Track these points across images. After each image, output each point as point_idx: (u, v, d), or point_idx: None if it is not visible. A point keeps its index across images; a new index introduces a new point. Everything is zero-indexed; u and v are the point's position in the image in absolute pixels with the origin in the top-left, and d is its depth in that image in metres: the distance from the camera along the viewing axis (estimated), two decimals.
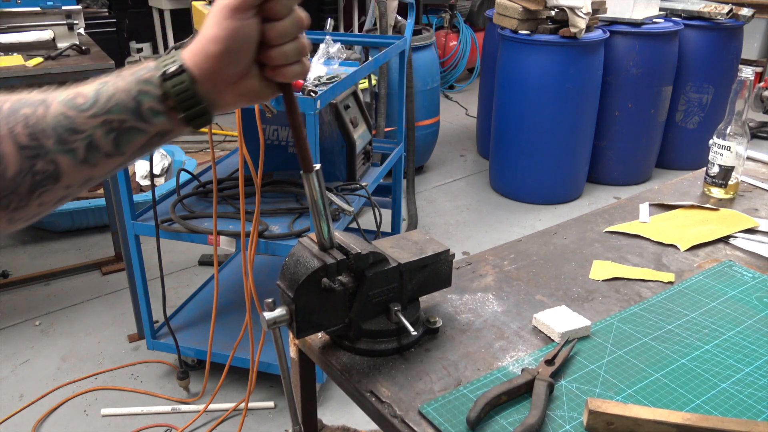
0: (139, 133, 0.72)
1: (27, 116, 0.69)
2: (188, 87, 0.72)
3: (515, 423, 0.89)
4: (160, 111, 0.72)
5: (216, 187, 2.19)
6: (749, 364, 1.03)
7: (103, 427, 2.39)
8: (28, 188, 0.69)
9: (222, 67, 0.73)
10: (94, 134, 0.70)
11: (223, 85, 0.75)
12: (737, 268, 1.32)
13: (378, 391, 0.95)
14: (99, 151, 0.71)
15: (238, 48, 0.72)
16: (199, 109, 0.73)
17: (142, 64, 0.73)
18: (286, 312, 0.94)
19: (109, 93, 0.71)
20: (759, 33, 6.09)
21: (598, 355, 1.05)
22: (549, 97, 3.94)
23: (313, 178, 0.89)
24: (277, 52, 0.75)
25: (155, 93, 0.72)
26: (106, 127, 0.71)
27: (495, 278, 1.27)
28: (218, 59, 0.72)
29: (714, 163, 1.62)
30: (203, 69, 0.73)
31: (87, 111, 0.70)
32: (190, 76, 0.72)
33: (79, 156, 0.70)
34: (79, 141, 0.70)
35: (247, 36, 0.72)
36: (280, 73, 0.76)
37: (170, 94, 0.72)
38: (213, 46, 0.72)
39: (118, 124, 0.71)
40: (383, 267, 0.98)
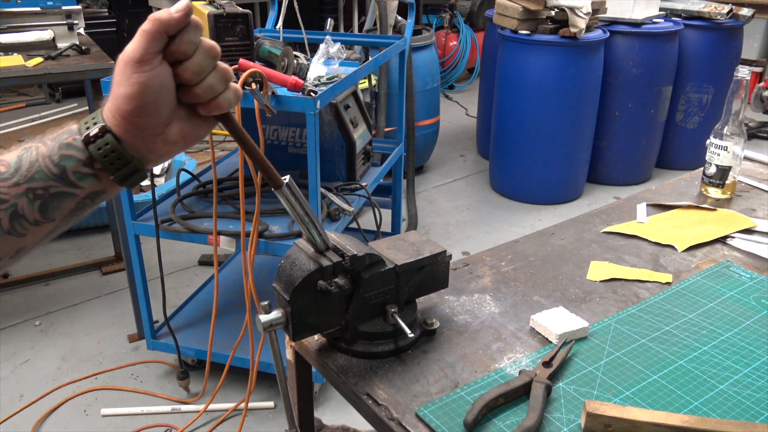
0: (68, 197, 0.70)
1: None
2: (114, 148, 0.69)
3: (513, 425, 0.89)
4: (87, 174, 0.70)
5: (216, 187, 2.19)
6: (747, 365, 1.03)
7: (103, 427, 2.40)
8: None
9: (142, 122, 0.70)
10: (17, 203, 0.68)
11: (149, 138, 0.72)
12: (735, 268, 1.31)
13: (375, 394, 0.95)
14: (25, 220, 0.69)
15: (153, 100, 0.69)
16: (130, 167, 0.71)
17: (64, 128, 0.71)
18: (282, 315, 0.94)
19: (31, 160, 0.69)
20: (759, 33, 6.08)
21: (595, 356, 1.05)
22: (549, 97, 3.94)
23: (285, 193, 0.87)
24: (202, 89, 0.71)
25: (79, 157, 0.69)
26: (30, 195, 0.68)
27: (492, 279, 1.27)
28: (135, 116, 0.69)
29: (711, 163, 1.62)
30: (124, 128, 0.70)
31: (8, 180, 0.68)
32: (114, 136, 0.69)
33: (3, 227, 0.68)
34: (2, 212, 0.68)
35: (160, 85, 0.69)
36: (214, 106, 0.73)
37: (96, 158, 0.69)
38: (126, 104, 0.68)
39: (43, 191, 0.69)
40: (380, 269, 0.98)
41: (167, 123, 0.72)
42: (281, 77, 1.99)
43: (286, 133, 2.57)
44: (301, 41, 2.77)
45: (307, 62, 2.22)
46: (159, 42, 0.67)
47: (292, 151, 2.57)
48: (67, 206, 0.71)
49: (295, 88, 1.98)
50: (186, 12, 0.67)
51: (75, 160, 0.69)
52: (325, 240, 0.94)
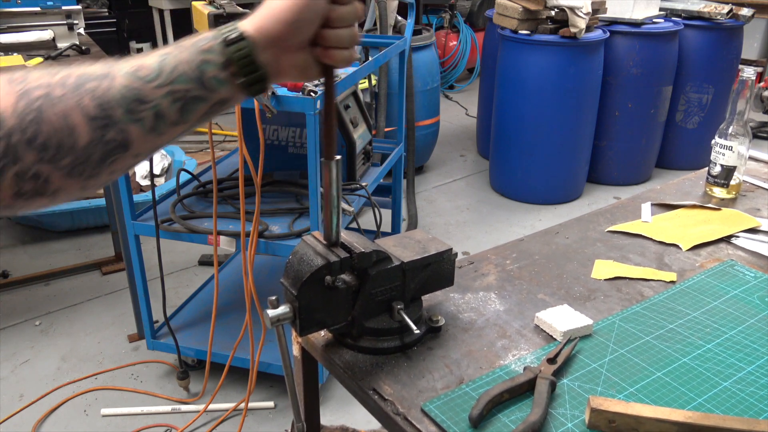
0: (202, 101, 0.76)
1: (93, 89, 0.71)
2: (249, 52, 0.76)
3: (517, 421, 0.89)
4: (222, 79, 0.76)
5: (216, 187, 2.19)
6: (751, 362, 1.03)
7: (103, 427, 2.39)
8: (99, 157, 0.72)
9: (287, 34, 0.78)
10: (160, 104, 0.74)
11: (281, 53, 0.79)
12: (739, 267, 1.32)
13: (381, 389, 0.95)
14: (166, 120, 0.74)
15: (307, 19, 0.78)
16: (259, 74, 0.77)
17: (200, 35, 0.77)
18: (290, 309, 0.94)
19: (172, 64, 0.74)
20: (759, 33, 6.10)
21: (600, 353, 1.05)
22: (549, 97, 3.94)
23: (332, 166, 0.90)
24: (333, 34, 0.80)
25: (218, 61, 0.75)
26: (172, 97, 0.74)
27: (497, 277, 1.27)
28: (287, 26, 0.77)
29: (716, 163, 1.62)
30: (268, 34, 0.77)
31: (152, 82, 0.73)
32: (251, 41, 0.76)
33: (147, 125, 0.74)
34: (146, 111, 0.73)
35: (316, 10, 0.78)
36: (330, 55, 0.81)
37: (233, 60, 0.75)
38: (285, 12, 0.77)
39: (183, 93, 0.74)
40: (386, 265, 0.98)
41: (300, 47, 0.80)
42: None
43: (286, 133, 2.57)
44: None
45: None
46: None
47: (292, 151, 2.57)
48: (201, 110, 0.77)
49: (295, 88, 1.98)
50: None
51: (213, 64, 0.75)
52: (338, 233, 0.94)
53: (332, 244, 0.95)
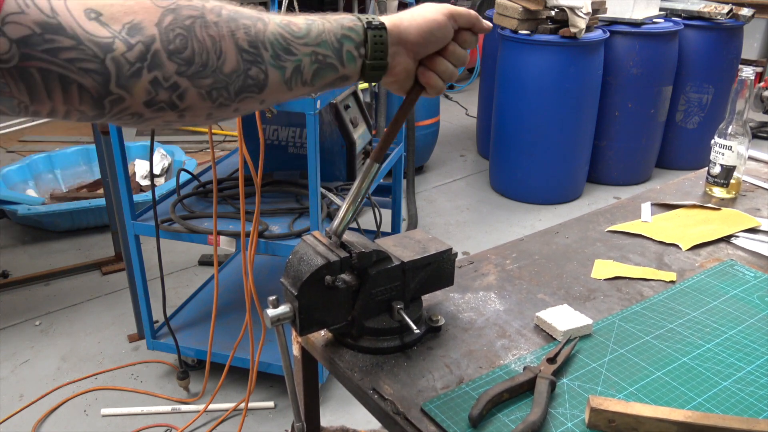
0: (333, 71, 0.84)
1: (247, 26, 0.76)
2: (384, 41, 0.86)
3: (517, 420, 0.89)
4: (354, 56, 0.85)
5: (216, 187, 2.19)
6: (750, 362, 1.03)
7: (103, 427, 2.39)
8: (237, 89, 0.76)
9: (417, 42, 0.89)
10: (302, 60, 0.80)
11: (402, 55, 0.89)
12: (739, 267, 1.32)
13: (381, 389, 0.95)
14: (300, 77, 0.81)
15: (439, 38, 0.90)
16: (383, 63, 0.87)
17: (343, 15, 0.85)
18: (290, 309, 0.94)
19: (318, 30, 0.82)
20: (759, 33, 6.09)
21: (599, 353, 1.05)
22: (549, 97, 3.94)
23: (375, 169, 0.95)
24: (441, 62, 0.92)
25: (357, 39, 0.84)
26: (313, 58, 0.81)
27: (497, 277, 1.27)
28: (421, 35, 0.89)
29: (716, 162, 1.63)
30: (402, 31, 0.88)
31: (301, 39, 0.80)
32: (388, 34, 0.86)
33: (286, 74, 0.79)
34: (290, 62, 0.79)
35: (446, 36, 0.91)
36: (429, 78, 0.92)
37: (369, 41, 0.85)
38: (426, 22, 0.89)
39: (323, 58, 0.82)
40: (386, 265, 0.98)
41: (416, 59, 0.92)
42: None
43: (286, 133, 2.57)
44: None
45: None
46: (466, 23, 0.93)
47: (292, 151, 2.57)
48: (329, 79, 0.84)
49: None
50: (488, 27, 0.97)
51: (352, 40, 0.84)
52: (344, 230, 0.95)
53: (337, 236, 0.96)
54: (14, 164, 4.03)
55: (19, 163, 4.05)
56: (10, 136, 5.16)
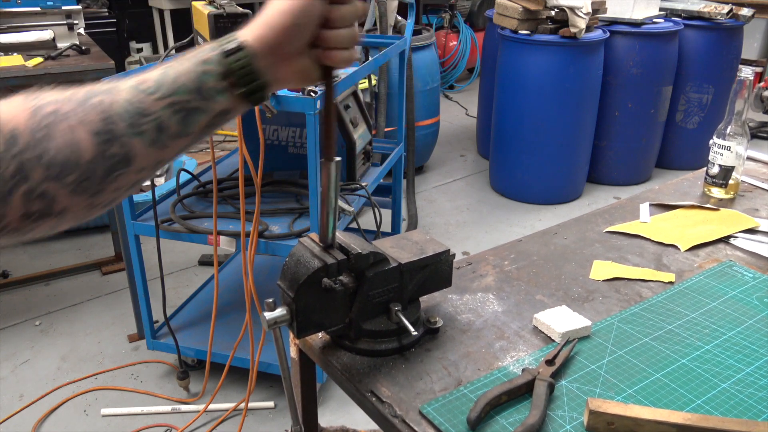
0: (203, 112, 0.76)
1: (98, 104, 0.71)
2: (249, 62, 0.75)
3: (516, 423, 0.89)
4: (221, 89, 0.76)
5: (216, 187, 2.19)
6: (750, 364, 1.03)
7: (103, 427, 2.39)
8: (103, 173, 0.71)
9: (285, 40, 0.77)
10: (162, 116, 0.73)
11: (280, 60, 0.78)
12: (738, 268, 1.32)
13: (378, 391, 0.95)
14: (167, 132, 0.74)
15: (304, 23, 0.77)
16: (258, 83, 0.77)
17: (201, 47, 0.77)
18: (287, 312, 0.94)
19: (173, 76, 0.74)
20: (759, 33, 6.09)
21: (598, 355, 1.05)
22: (549, 97, 3.94)
23: (332, 167, 0.89)
24: (333, 35, 0.79)
25: (217, 71, 0.75)
26: (173, 109, 0.74)
27: (495, 278, 1.27)
28: (284, 32, 0.76)
29: (714, 163, 1.62)
30: (265, 42, 0.77)
31: (154, 94, 0.73)
32: (250, 51, 0.76)
33: (149, 138, 0.73)
34: (148, 123, 0.73)
35: (313, 12, 0.77)
36: (331, 56, 0.80)
37: (231, 70, 0.75)
38: (281, 17, 0.76)
39: (184, 104, 0.74)
40: (384, 267, 0.98)
41: (299, 52, 0.79)
42: None
43: (286, 133, 2.57)
44: None
45: None
46: None
47: (292, 151, 2.57)
48: (203, 121, 0.76)
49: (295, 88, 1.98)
50: None
51: (212, 74, 0.75)
52: (334, 235, 0.94)
53: (328, 246, 0.95)
54: None
55: None
56: None
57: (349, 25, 0.80)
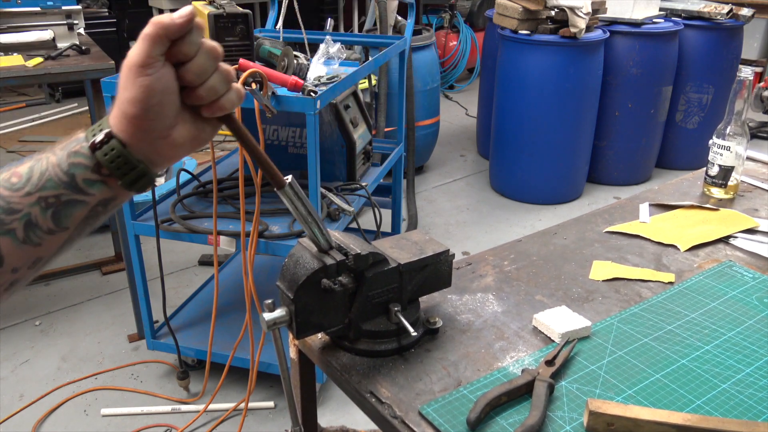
0: (79, 204, 0.71)
1: None
2: (120, 153, 0.70)
3: (515, 424, 0.89)
4: (95, 180, 0.71)
5: (216, 187, 2.19)
6: (750, 364, 1.03)
7: (103, 427, 2.39)
8: None
9: (147, 126, 0.71)
10: (30, 212, 0.69)
11: (155, 142, 0.72)
12: (737, 268, 1.31)
13: (378, 392, 0.95)
14: (39, 229, 0.70)
15: (158, 103, 0.70)
16: (137, 172, 0.72)
17: (72, 137, 0.72)
18: (286, 313, 0.94)
19: (41, 169, 0.70)
20: (759, 33, 6.08)
21: (598, 355, 1.05)
22: (549, 97, 3.94)
23: (288, 192, 0.87)
24: (204, 90, 0.72)
25: (87, 164, 0.70)
26: (42, 204, 0.69)
27: (495, 278, 1.27)
28: (141, 120, 0.70)
29: (714, 163, 1.62)
30: (129, 133, 0.70)
31: (21, 190, 0.69)
32: (120, 141, 0.70)
33: (19, 236, 0.69)
34: (16, 221, 0.69)
35: (164, 88, 0.70)
36: (217, 107, 0.74)
37: (103, 163, 0.70)
38: (132, 107, 0.69)
39: (54, 199, 0.70)
40: (383, 267, 0.98)
41: (172, 126, 0.73)
42: (281, 77, 1.99)
43: (286, 133, 2.57)
44: (301, 41, 2.77)
45: (307, 62, 2.22)
46: (161, 45, 0.68)
47: (292, 151, 2.57)
48: (79, 214, 0.72)
49: (295, 88, 1.98)
50: (189, 18, 0.69)
51: (83, 167, 0.70)
52: (328, 239, 0.94)
53: (324, 251, 0.95)
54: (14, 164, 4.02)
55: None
56: (10, 136, 5.16)
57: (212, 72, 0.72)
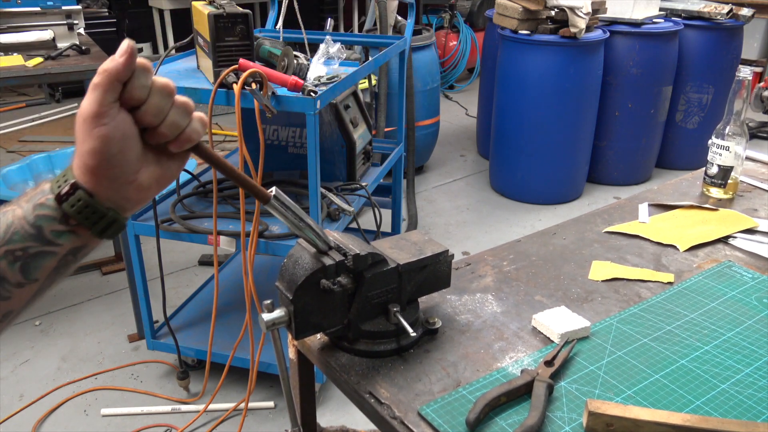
0: (48, 256, 0.70)
1: None
2: (87, 203, 0.69)
3: (515, 424, 0.89)
4: (63, 231, 0.70)
5: (216, 187, 2.18)
6: (749, 364, 1.03)
7: (103, 427, 2.39)
8: None
9: (111, 174, 0.70)
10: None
11: (122, 188, 0.71)
12: (737, 268, 1.31)
13: (377, 393, 0.95)
14: (8, 283, 0.69)
15: (118, 151, 0.69)
16: (106, 220, 0.71)
17: (38, 188, 0.71)
18: (285, 313, 0.94)
19: (8, 222, 0.69)
20: (759, 33, 6.09)
21: (597, 356, 1.05)
22: (549, 97, 3.94)
23: (274, 205, 0.87)
24: (166, 127, 0.71)
25: (54, 215, 0.69)
26: (10, 257, 0.69)
27: (494, 279, 1.27)
28: (103, 170, 0.69)
29: (713, 163, 1.62)
30: (94, 182, 0.70)
31: None
32: (86, 191, 0.69)
33: None
34: None
35: (122, 135, 0.68)
36: (183, 140, 0.72)
37: (70, 215, 0.69)
38: (91, 159, 0.68)
39: (22, 252, 0.69)
40: (382, 268, 0.98)
41: (137, 170, 0.72)
42: (281, 77, 1.99)
43: (286, 133, 2.57)
44: (301, 41, 2.77)
45: (307, 62, 2.22)
46: (113, 92, 0.67)
47: (292, 151, 2.57)
48: (49, 265, 0.71)
49: (295, 88, 1.98)
50: (129, 54, 0.66)
51: (50, 219, 0.69)
52: (326, 240, 0.94)
53: (324, 251, 0.95)
54: (14, 164, 4.02)
55: (19, 163, 4.04)
56: (10, 136, 5.16)
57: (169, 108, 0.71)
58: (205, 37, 2.06)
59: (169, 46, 4.03)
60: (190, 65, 2.40)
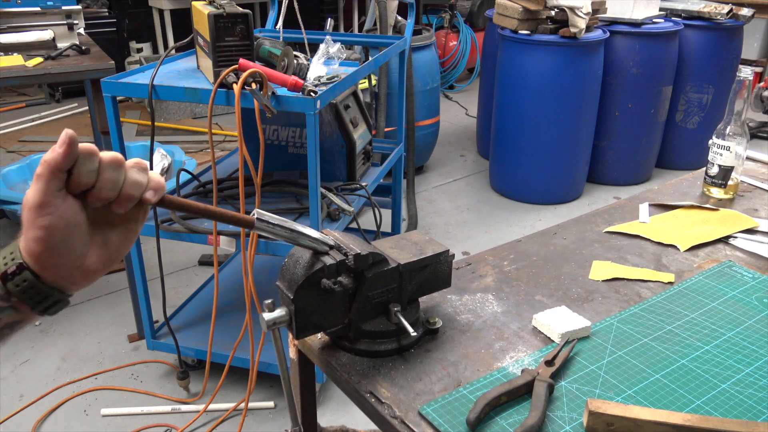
0: None
1: None
2: (33, 284, 0.69)
3: (515, 424, 0.89)
4: (5, 307, 0.70)
5: (216, 187, 2.19)
6: (749, 364, 1.03)
7: (103, 427, 2.39)
8: None
9: (56, 262, 0.69)
10: None
11: (69, 272, 0.71)
12: (737, 268, 1.31)
13: (377, 392, 0.95)
14: None
15: (63, 239, 0.68)
16: (49, 301, 0.71)
17: None
18: (286, 313, 0.94)
19: None
20: (759, 33, 6.08)
21: (598, 355, 1.05)
22: (549, 97, 3.94)
23: (260, 226, 0.86)
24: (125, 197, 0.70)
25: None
26: None
27: (495, 279, 1.27)
28: (48, 257, 0.69)
29: (713, 163, 1.62)
30: (40, 265, 0.69)
31: None
32: (32, 272, 0.69)
33: None
34: None
35: (66, 224, 0.68)
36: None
37: (14, 294, 0.69)
38: (36, 246, 0.68)
39: None
40: (383, 268, 0.98)
41: (83, 255, 0.71)
42: (281, 77, 1.99)
43: (286, 133, 2.57)
44: (301, 41, 2.77)
45: (307, 62, 2.22)
46: (56, 182, 0.66)
47: (292, 151, 2.57)
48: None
49: (295, 88, 1.98)
50: (68, 144, 0.65)
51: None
52: (324, 242, 0.94)
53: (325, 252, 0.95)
54: (14, 164, 4.02)
55: (19, 163, 4.05)
56: (10, 136, 5.16)
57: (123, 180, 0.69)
58: (205, 37, 2.06)
59: (169, 46, 4.03)
60: (190, 65, 2.40)
